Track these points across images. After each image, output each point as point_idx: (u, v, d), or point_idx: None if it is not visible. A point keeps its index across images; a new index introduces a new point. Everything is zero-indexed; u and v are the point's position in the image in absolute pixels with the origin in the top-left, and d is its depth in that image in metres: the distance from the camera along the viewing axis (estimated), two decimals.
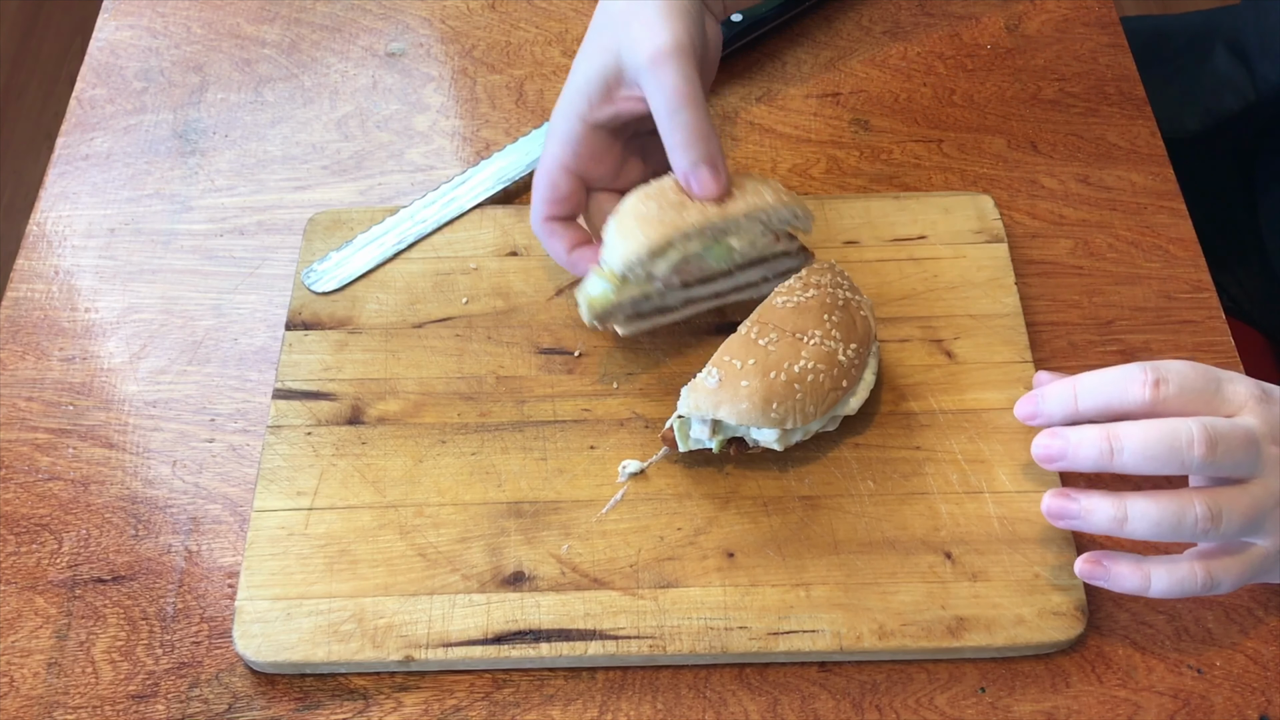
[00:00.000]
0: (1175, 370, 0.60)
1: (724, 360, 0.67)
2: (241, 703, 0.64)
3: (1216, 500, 0.58)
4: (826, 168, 0.85)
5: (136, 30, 0.95)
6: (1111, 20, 0.93)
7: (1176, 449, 0.57)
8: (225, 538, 0.70)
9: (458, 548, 0.68)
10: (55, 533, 0.70)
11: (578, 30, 0.94)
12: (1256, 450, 0.58)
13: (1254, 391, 0.60)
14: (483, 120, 0.89)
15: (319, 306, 0.78)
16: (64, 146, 0.88)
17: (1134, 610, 0.67)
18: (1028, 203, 0.83)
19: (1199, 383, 0.59)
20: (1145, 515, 0.59)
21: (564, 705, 0.64)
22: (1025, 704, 0.64)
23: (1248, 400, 0.60)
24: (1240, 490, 0.59)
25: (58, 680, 0.65)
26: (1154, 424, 0.59)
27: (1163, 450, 0.58)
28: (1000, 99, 0.89)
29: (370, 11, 0.96)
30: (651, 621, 0.65)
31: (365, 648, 0.64)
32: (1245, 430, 0.58)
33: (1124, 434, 0.58)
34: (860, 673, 0.65)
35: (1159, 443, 0.58)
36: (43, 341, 0.78)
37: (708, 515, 0.69)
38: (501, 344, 0.76)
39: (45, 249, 0.83)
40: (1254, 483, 0.59)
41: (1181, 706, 0.64)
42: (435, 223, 0.81)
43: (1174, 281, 0.79)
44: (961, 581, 0.66)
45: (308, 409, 0.73)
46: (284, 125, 0.89)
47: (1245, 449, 0.58)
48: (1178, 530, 0.58)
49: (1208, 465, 0.58)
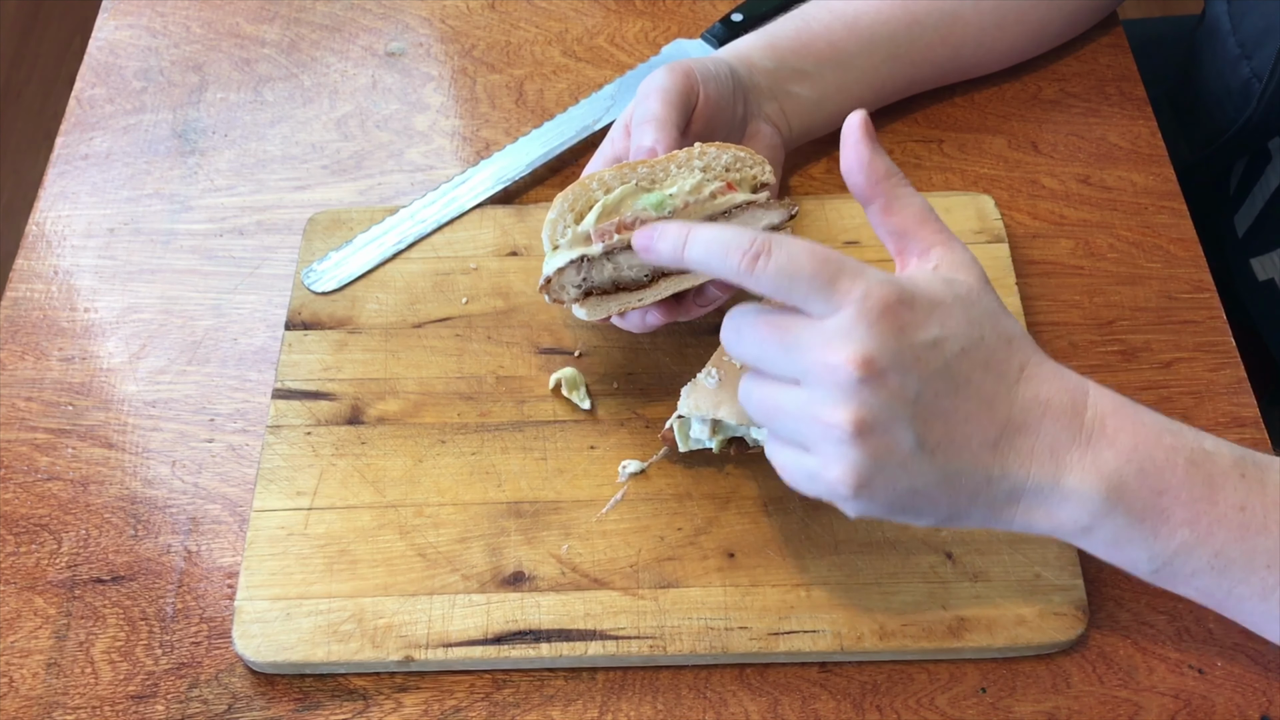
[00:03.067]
0: (788, 251, 0.54)
1: (724, 360, 0.67)
2: (241, 703, 0.64)
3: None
4: (827, 167, 0.85)
5: (136, 30, 0.95)
6: (1112, 20, 0.93)
7: (727, 249, 0.55)
8: (225, 538, 0.70)
9: (458, 548, 0.68)
10: (54, 533, 0.70)
11: (578, 30, 0.94)
12: (820, 294, 0.54)
13: (873, 292, 0.54)
14: (483, 120, 0.89)
15: (319, 306, 0.77)
16: (63, 146, 0.88)
17: (1135, 610, 0.67)
18: (1028, 203, 0.83)
19: (808, 269, 0.54)
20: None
21: (564, 706, 0.64)
22: (1026, 704, 0.64)
23: (858, 301, 0.54)
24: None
25: (57, 681, 0.65)
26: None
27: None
28: (1000, 99, 0.89)
29: (370, 11, 0.96)
30: (652, 622, 0.65)
31: (365, 648, 0.64)
32: (813, 271, 0.54)
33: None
34: (861, 673, 0.65)
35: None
36: (42, 341, 0.78)
37: (708, 515, 0.69)
38: (501, 344, 0.76)
39: (44, 249, 0.83)
40: (814, 338, 0.54)
41: (1183, 707, 0.64)
42: (435, 223, 0.81)
43: (1175, 281, 0.79)
44: (962, 581, 0.66)
45: (307, 409, 0.73)
46: (284, 125, 0.89)
47: (798, 282, 0.54)
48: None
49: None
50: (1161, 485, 0.56)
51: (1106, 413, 0.57)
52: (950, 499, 0.56)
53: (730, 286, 0.68)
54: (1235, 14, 0.86)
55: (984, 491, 0.56)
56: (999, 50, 0.87)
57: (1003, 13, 0.84)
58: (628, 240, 0.65)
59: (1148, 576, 0.59)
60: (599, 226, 0.65)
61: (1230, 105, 0.88)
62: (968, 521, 0.58)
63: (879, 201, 0.60)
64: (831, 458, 0.55)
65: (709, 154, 0.66)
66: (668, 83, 0.69)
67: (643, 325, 0.70)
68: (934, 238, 0.59)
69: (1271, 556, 0.56)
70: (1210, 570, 0.57)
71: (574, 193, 0.65)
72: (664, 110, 0.68)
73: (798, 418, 0.55)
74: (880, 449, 0.54)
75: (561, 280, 0.66)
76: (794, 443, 0.57)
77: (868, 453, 0.54)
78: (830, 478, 0.55)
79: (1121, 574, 0.67)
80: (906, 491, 0.56)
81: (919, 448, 0.55)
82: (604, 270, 0.66)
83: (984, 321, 0.56)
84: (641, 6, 0.96)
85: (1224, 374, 0.75)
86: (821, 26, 0.80)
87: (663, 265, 0.61)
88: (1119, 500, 0.56)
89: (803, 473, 0.57)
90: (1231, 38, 0.86)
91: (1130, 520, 0.56)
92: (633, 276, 0.67)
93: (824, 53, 0.79)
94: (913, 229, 0.59)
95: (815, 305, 0.54)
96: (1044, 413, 0.56)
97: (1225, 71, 0.87)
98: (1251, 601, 0.58)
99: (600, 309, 0.67)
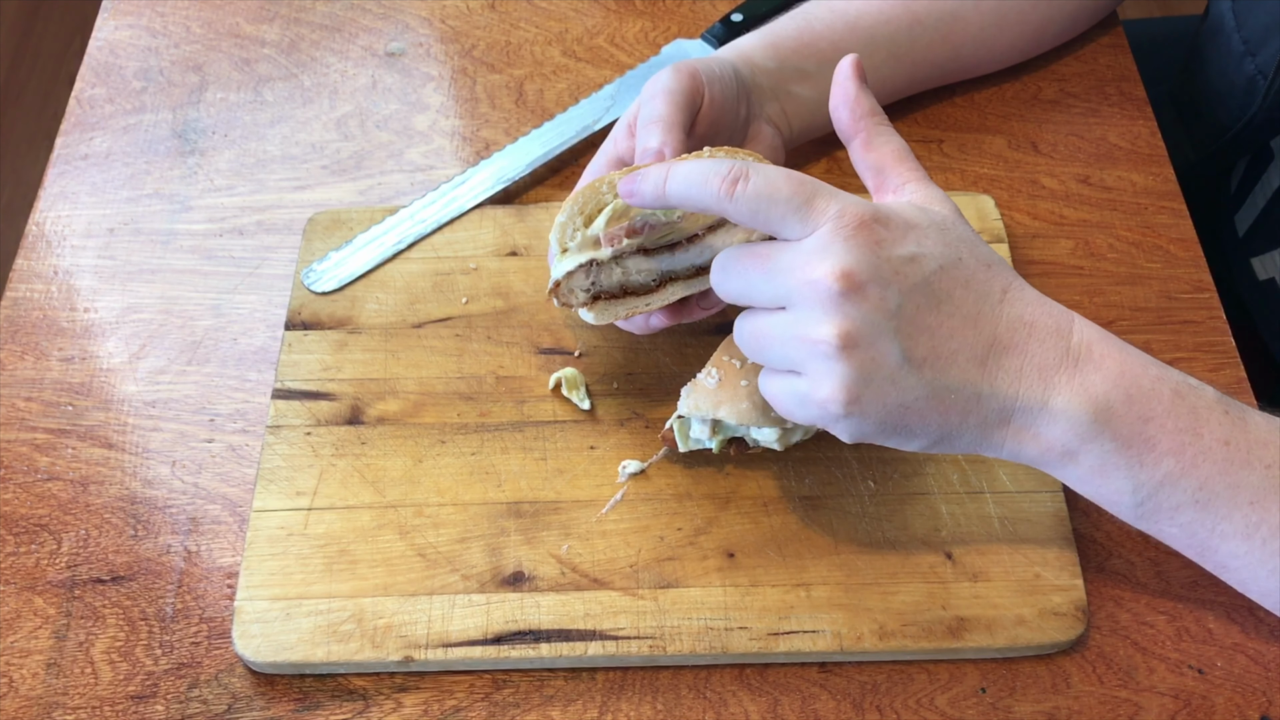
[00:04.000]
0: (766, 175, 0.56)
1: (724, 360, 0.67)
2: (241, 703, 0.64)
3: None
4: (827, 167, 0.85)
5: (136, 30, 0.95)
6: (1112, 20, 0.93)
7: (706, 177, 0.56)
8: (224, 538, 0.70)
9: (457, 548, 0.68)
10: (54, 533, 0.70)
11: (578, 30, 0.94)
12: (796, 214, 0.55)
13: (847, 210, 0.55)
14: (483, 120, 0.89)
15: (318, 306, 0.77)
16: (63, 146, 0.88)
17: (1135, 610, 0.67)
18: (1028, 203, 0.83)
19: (785, 190, 0.55)
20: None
21: (564, 706, 0.64)
22: (1026, 704, 0.64)
23: (834, 218, 0.55)
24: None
25: (57, 681, 0.65)
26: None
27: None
28: (1000, 99, 0.89)
29: (370, 11, 0.96)
30: (651, 622, 0.65)
31: (365, 648, 0.64)
32: (789, 192, 0.55)
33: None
34: (861, 673, 0.65)
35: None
36: (42, 341, 0.78)
37: (708, 515, 0.69)
38: (501, 344, 0.76)
39: (44, 249, 0.83)
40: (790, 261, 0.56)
41: (1182, 707, 0.64)
42: (435, 223, 0.81)
43: (1175, 282, 0.79)
44: (962, 582, 0.66)
45: (307, 409, 0.73)
46: (283, 125, 0.89)
47: (775, 204, 0.55)
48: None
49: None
50: (1148, 413, 0.57)
51: (1092, 340, 0.58)
52: (941, 416, 0.57)
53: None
54: (1240, 11, 0.86)
55: (974, 409, 0.57)
56: (999, 50, 0.87)
57: (1003, 13, 0.85)
58: (636, 245, 0.65)
59: (1132, 513, 0.59)
60: (608, 231, 0.65)
61: (1234, 103, 0.88)
62: (959, 443, 0.59)
63: (860, 137, 0.62)
64: (820, 375, 0.55)
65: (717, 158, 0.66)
66: (673, 84, 0.69)
67: (645, 327, 0.70)
68: (910, 174, 0.61)
69: (1255, 493, 0.57)
70: (1194, 504, 0.57)
71: (584, 196, 0.65)
72: (670, 111, 0.68)
73: (784, 340, 0.56)
74: (867, 362, 0.55)
75: (570, 284, 0.66)
76: (784, 369, 0.58)
77: (854, 366, 0.55)
78: (820, 396, 0.56)
79: (1122, 574, 0.68)
80: (896, 407, 0.56)
81: (905, 360, 0.55)
82: (612, 275, 0.66)
83: (960, 245, 0.58)
84: (641, 6, 0.96)
85: (1224, 374, 0.75)
86: (823, 26, 0.80)
87: (646, 208, 0.61)
88: (1106, 424, 0.56)
89: (794, 397, 0.57)
90: (1236, 35, 0.86)
91: (1117, 445, 0.57)
92: (641, 281, 0.66)
93: (826, 53, 0.79)
94: (890, 165, 0.61)
95: (793, 228, 0.56)
96: (1030, 333, 0.57)
97: (1229, 69, 0.88)
98: (1234, 540, 0.58)
99: (608, 313, 0.67)
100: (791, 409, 0.58)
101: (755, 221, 0.56)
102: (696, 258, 0.66)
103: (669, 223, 0.65)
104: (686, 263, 0.66)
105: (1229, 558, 0.59)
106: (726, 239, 0.65)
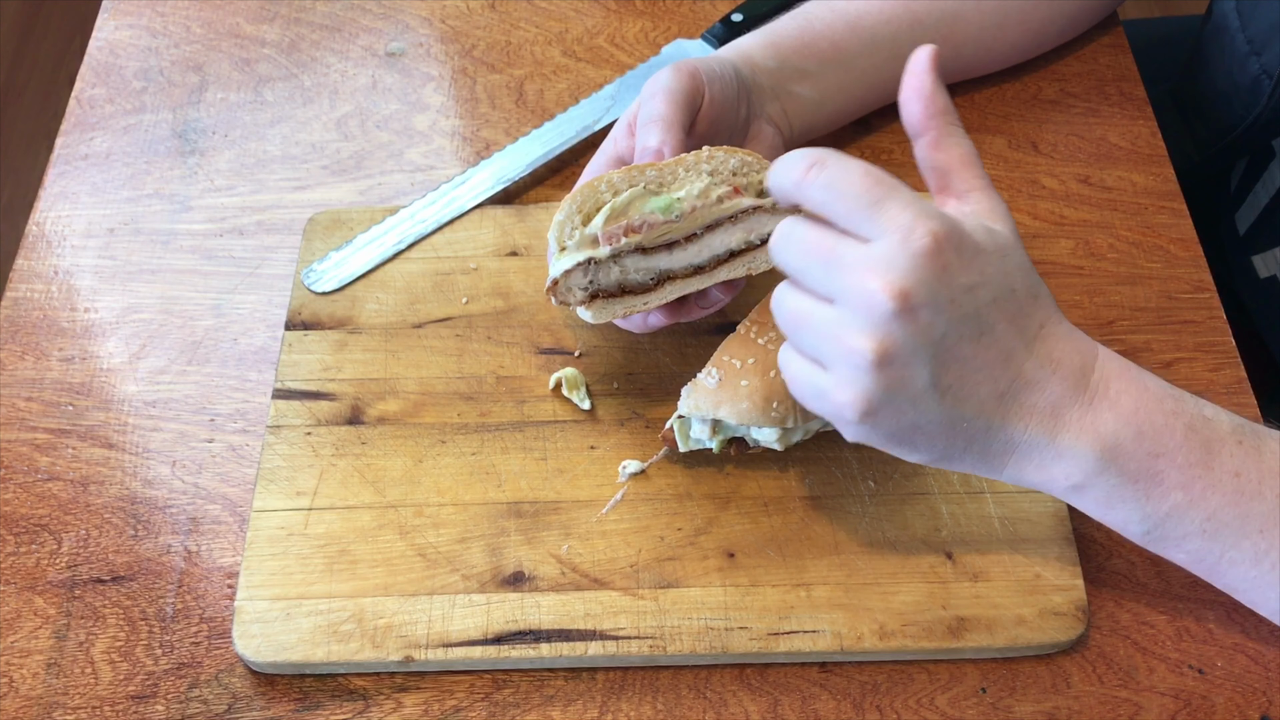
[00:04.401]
0: (844, 165, 0.55)
1: (724, 360, 0.67)
2: (241, 703, 0.64)
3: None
4: None
5: (136, 30, 0.95)
6: (1112, 20, 0.93)
7: (796, 159, 0.55)
8: (225, 538, 0.70)
9: (458, 548, 0.68)
10: (54, 533, 0.70)
11: (578, 30, 0.94)
12: (865, 213, 0.54)
13: (920, 225, 0.54)
14: (483, 120, 0.89)
15: (319, 306, 0.77)
16: (63, 146, 0.88)
17: (1135, 610, 0.67)
18: (1028, 203, 0.83)
19: (857, 185, 0.54)
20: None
21: (564, 706, 0.64)
22: (1026, 704, 0.64)
23: (906, 230, 0.54)
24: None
25: (57, 681, 0.65)
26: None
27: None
28: (1000, 99, 0.89)
29: (370, 11, 0.96)
30: (652, 622, 0.65)
31: (365, 648, 0.64)
32: (862, 188, 0.54)
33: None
34: (861, 673, 0.65)
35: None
36: (42, 341, 0.78)
37: (708, 515, 0.69)
38: (501, 344, 0.76)
39: (44, 249, 0.83)
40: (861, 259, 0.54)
41: (1183, 707, 0.64)
42: (435, 223, 0.81)
43: (1175, 282, 0.79)
44: (962, 582, 0.66)
45: (307, 409, 0.73)
46: (284, 125, 0.89)
47: (845, 198, 0.54)
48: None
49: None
50: (1158, 449, 0.57)
51: (1111, 375, 0.58)
52: (948, 440, 0.57)
53: (733, 289, 0.69)
54: (1244, 10, 0.86)
55: (981, 438, 0.57)
56: (1000, 50, 0.87)
57: (1004, 13, 0.84)
58: (635, 243, 0.65)
59: (1139, 538, 0.59)
60: (607, 229, 0.65)
61: (1239, 102, 0.88)
62: (958, 464, 0.59)
63: (930, 135, 0.60)
64: (846, 380, 0.55)
65: (716, 158, 0.66)
66: (674, 83, 0.69)
67: (644, 326, 0.70)
68: (976, 182, 0.60)
69: (1265, 521, 0.57)
70: (1202, 534, 0.58)
71: (582, 194, 0.65)
72: (670, 111, 0.68)
73: (822, 334, 0.56)
74: (895, 382, 0.55)
75: (568, 282, 0.66)
76: (812, 357, 0.57)
77: (882, 383, 0.54)
78: (840, 400, 0.56)
79: (1122, 574, 0.68)
80: (909, 426, 0.56)
81: (932, 386, 0.55)
82: (610, 273, 0.66)
83: (1015, 274, 0.57)
84: (641, 6, 0.96)
85: (1224, 374, 0.75)
86: (824, 26, 0.80)
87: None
88: (1113, 461, 0.57)
89: (812, 389, 0.57)
90: (1240, 34, 0.86)
91: (1123, 480, 0.57)
92: (639, 280, 0.66)
93: (826, 52, 0.79)
94: (957, 169, 0.60)
95: (860, 225, 0.54)
96: (1053, 371, 0.57)
97: (1234, 69, 0.87)
98: (1243, 567, 0.58)
99: (606, 312, 0.67)
100: (804, 395, 0.58)
101: (824, 209, 0.55)
102: (694, 257, 0.66)
103: (667, 222, 0.65)
104: (684, 262, 0.66)
105: (1238, 581, 0.60)
106: (725, 239, 0.66)
